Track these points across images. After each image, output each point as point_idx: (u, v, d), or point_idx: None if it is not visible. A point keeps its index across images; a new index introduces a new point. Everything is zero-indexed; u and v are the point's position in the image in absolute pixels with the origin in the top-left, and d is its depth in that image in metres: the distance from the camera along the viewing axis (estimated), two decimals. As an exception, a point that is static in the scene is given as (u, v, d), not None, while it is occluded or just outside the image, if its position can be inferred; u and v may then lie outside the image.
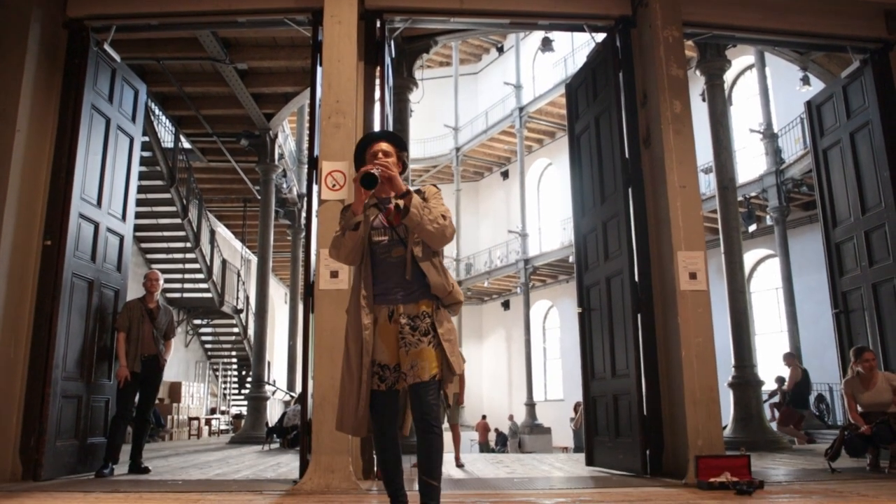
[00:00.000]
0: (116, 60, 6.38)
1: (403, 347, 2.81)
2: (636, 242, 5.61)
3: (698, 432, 4.94)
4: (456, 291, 2.94)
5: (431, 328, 2.83)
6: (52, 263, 5.52)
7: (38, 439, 5.21)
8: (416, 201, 2.78)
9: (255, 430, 11.37)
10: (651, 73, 5.67)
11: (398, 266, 2.87)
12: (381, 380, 2.82)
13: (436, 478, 2.73)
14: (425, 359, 2.77)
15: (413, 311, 2.85)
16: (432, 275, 2.86)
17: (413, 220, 2.76)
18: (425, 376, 2.75)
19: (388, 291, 2.88)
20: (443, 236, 2.85)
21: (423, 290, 2.86)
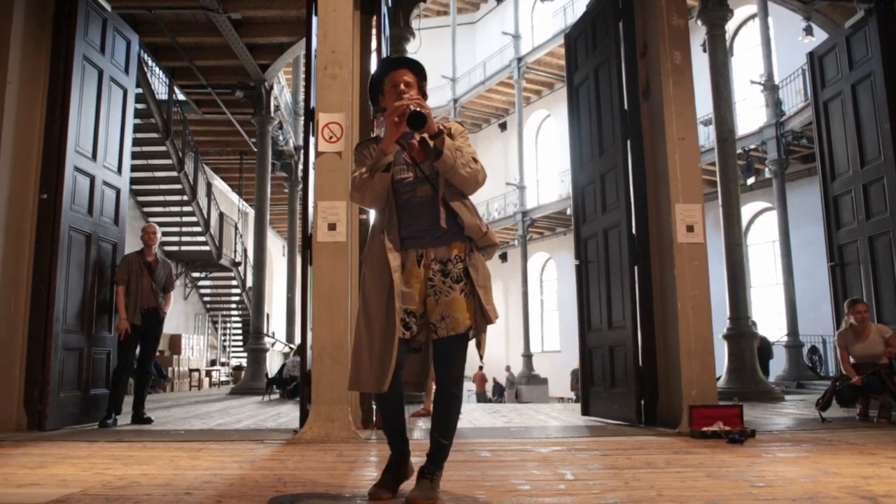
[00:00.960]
0: (107, 10, 6.27)
1: (433, 296, 2.58)
2: (634, 195, 5.60)
3: (692, 383, 5.01)
4: (490, 233, 2.68)
5: (464, 274, 2.59)
6: (49, 217, 5.51)
7: (42, 391, 5.28)
8: (449, 143, 2.55)
9: (254, 381, 11.51)
10: (651, 22, 5.58)
11: (425, 206, 2.61)
12: (406, 326, 2.54)
13: (448, 438, 2.61)
14: (458, 309, 2.55)
15: (444, 255, 2.60)
16: (465, 215, 2.60)
17: (447, 163, 2.53)
18: (460, 328, 2.54)
19: (415, 234, 2.62)
20: (475, 182, 2.62)
21: (454, 232, 2.61)
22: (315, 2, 5.53)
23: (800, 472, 3.12)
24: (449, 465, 3.18)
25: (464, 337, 2.58)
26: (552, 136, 26.78)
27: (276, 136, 14.35)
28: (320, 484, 2.91)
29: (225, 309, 19.71)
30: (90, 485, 2.91)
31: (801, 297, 13.81)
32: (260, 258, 12.20)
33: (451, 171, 2.55)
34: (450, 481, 2.88)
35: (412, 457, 2.77)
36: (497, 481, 2.98)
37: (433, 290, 2.59)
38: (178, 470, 3.34)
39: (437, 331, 2.57)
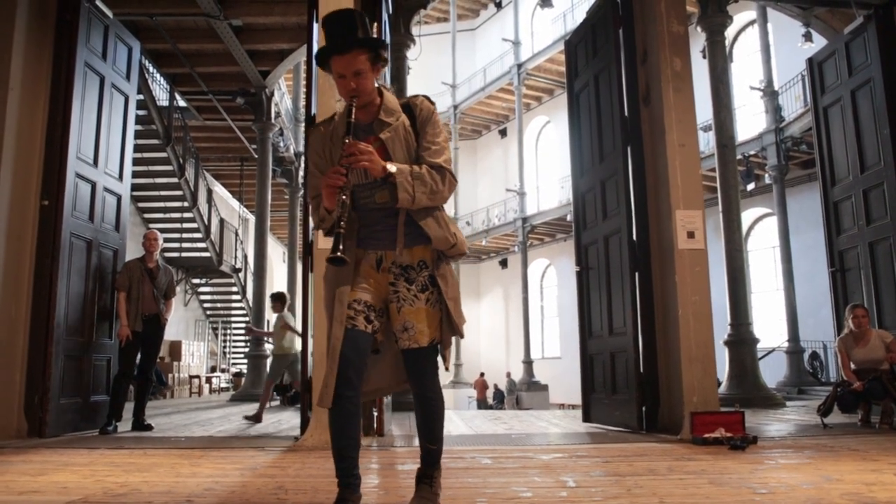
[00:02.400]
0: (109, 17, 6.29)
1: (396, 303, 2.37)
2: (635, 201, 5.60)
3: (694, 389, 5.01)
4: (460, 243, 2.43)
5: (430, 282, 2.38)
6: (51, 223, 5.52)
7: (42, 397, 5.27)
8: (404, 181, 2.26)
9: (255, 387, 11.48)
10: (651, 29, 5.60)
11: (384, 211, 2.38)
12: (368, 320, 2.32)
13: (436, 441, 2.48)
14: (423, 321, 2.35)
15: (407, 260, 2.39)
16: (433, 228, 2.36)
17: (405, 204, 2.28)
18: (423, 341, 2.35)
19: (374, 235, 2.41)
20: (443, 199, 2.38)
21: (418, 235, 2.38)
22: (316, 9, 5.54)
23: (802, 478, 3.12)
24: (450, 472, 3.18)
25: (428, 349, 2.38)
26: (552, 143, 26.82)
27: (276, 142, 14.38)
28: (322, 491, 2.91)
29: (225, 315, 19.70)
30: (91, 492, 2.91)
31: (801, 302, 13.81)
32: (260, 264, 12.21)
33: (412, 206, 2.31)
34: (451, 489, 2.88)
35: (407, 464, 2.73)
36: (498, 488, 2.97)
37: (396, 297, 2.39)
38: (179, 477, 3.34)
39: (399, 342, 2.38)
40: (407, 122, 2.40)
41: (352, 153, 2.20)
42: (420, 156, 2.39)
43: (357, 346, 2.29)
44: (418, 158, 2.39)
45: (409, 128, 2.40)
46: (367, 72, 2.31)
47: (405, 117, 2.41)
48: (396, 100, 2.46)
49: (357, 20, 2.33)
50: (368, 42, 2.31)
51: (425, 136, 2.41)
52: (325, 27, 2.34)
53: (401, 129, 2.38)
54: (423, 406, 2.45)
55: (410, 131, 2.40)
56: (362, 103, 2.34)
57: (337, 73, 2.30)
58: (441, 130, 2.44)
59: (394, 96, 2.46)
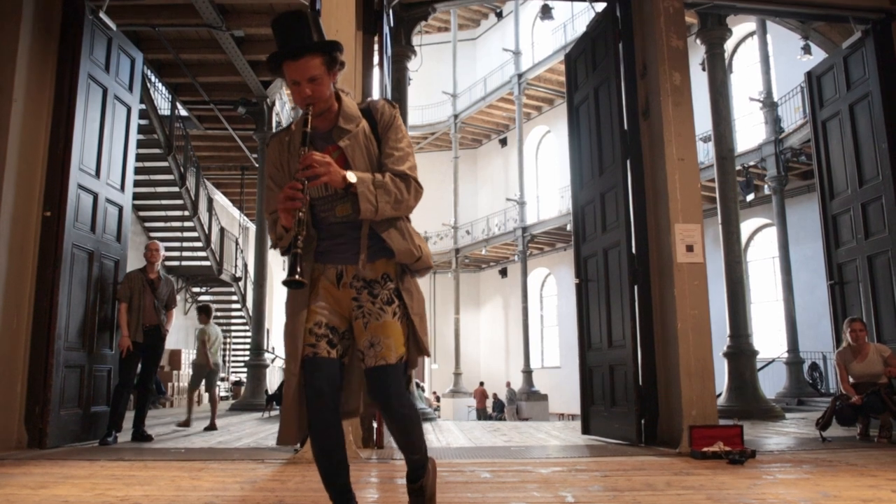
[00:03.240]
0: (112, 29, 6.33)
1: (361, 318, 2.23)
2: (634, 214, 5.64)
3: (692, 403, 5.02)
4: (426, 256, 2.31)
5: (396, 295, 2.26)
6: (53, 234, 5.54)
7: (43, 408, 5.29)
8: (365, 191, 2.14)
9: (254, 397, 11.49)
10: (651, 44, 5.64)
11: (345, 225, 2.26)
12: (331, 344, 2.20)
13: (418, 452, 2.36)
14: (390, 335, 2.21)
15: (370, 274, 2.25)
16: (396, 241, 2.23)
17: (367, 215, 2.16)
18: (391, 358, 2.20)
19: (334, 248, 2.28)
20: (408, 209, 2.26)
21: (381, 247, 2.25)
22: (318, 22, 5.59)
23: (800, 494, 3.13)
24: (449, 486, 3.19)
25: (396, 367, 2.22)
26: (552, 152, 26.88)
27: (277, 151, 14.39)
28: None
29: (224, 324, 19.69)
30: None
31: (800, 313, 13.83)
32: (261, 273, 12.22)
33: (376, 217, 2.19)
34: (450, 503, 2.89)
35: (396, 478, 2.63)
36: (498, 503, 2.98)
37: (361, 312, 2.24)
38: (179, 491, 3.35)
39: (365, 359, 2.21)
40: (367, 127, 2.28)
41: (309, 165, 2.07)
42: (383, 163, 2.26)
43: (325, 374, 2.17)
44: (381, 166, 2.26)
45: (369, 134, 2.27)
46: (323, 77, 2.16)
47: (365, 123, 2.28)
48: (356, 105, 2.32)
49: (310, 22, 2.17)
50: (322, 45, 2.16)
51: (387, 142, 2.27)
52: (275, 30, 2.18)
53: (361, 136, 2.25)
54: (398, 423, 2.29)
55: (371, 137, 2.27)
56: (319, 111, 2.19)
57: (291, 80, 2.16)
58: (405, 135, 2.31)
59: (353, 101, 2.33)
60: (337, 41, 2.22)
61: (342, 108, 2.27)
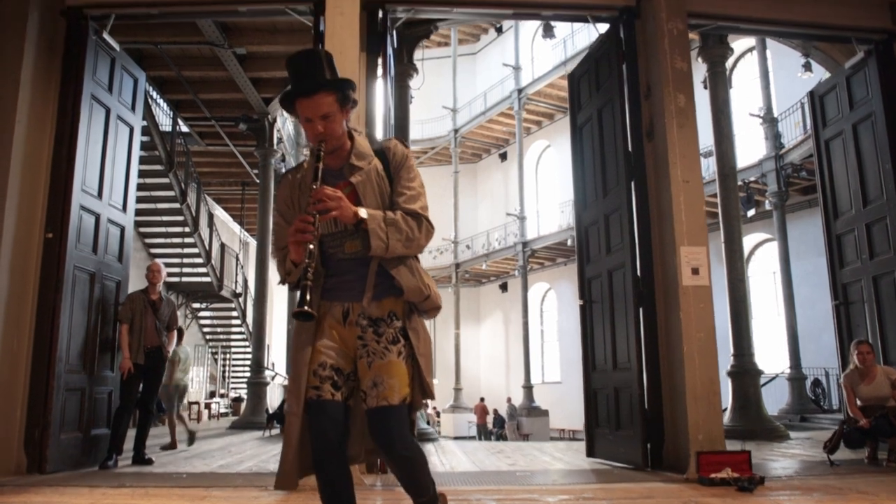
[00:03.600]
0: (116, 49, 6.31)
1: (365, 357, 2.20)
2: (639, 236, 5.60)
3: (699, 427, 4.97)
4: (434, 296, 2.30)
5: (402, 334, 2.23)
6: (54, 256, 5.50)
7: (43, 432, 5.23)
8: (376, 227, 2.13)
9: (255, 415, 11.43)
10: (655, 65, 5.63)
11: (354, 262, 2.25)
12: (335, 387, 2.16)
13: (425, 494, 2.29)
14: (394, 375, 2.16)
15: (376, 313, 2.23)
16: (405, 278, 2.22)
17: (378, 252, 2.15)
18: (394, 399, 2.15)
19: (341, 285, 2.26)
20: (418, 248, 2.25)
21: (389, 285, 2.23)
22: (322, 43, 5.58)
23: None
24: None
25: (400, 408, 2.16)
26: (552, 167, 26.91)
27: (278, 167, 14.41)
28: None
29: (225, 340, 19.63)
30: (95, 541, 2.87)
31: (802, 328, 13.78)
32: (261, 291, 12.21)
33: (386, 255, 2.18)
34: (460, 539, 2.84)
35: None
36: (507, 538, 2.94)
37: (365, 351, 2.20)
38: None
39: (367, 399, 2.16)
40: (380, 166, 2.28)
41: (320, 199, 2.07)
42: (395, 202, 2.26)
43: (329, 416, 2.14)
44: (392, 205, 2.26)
45: (381, 172, 2.28)
46: (335, 114, 2.18)
47: (377, 161, 2.29)
48: (368, 143, 2.34)
49: (323, 60, 2.22)
50: (335, 83, 2.19)
51: (399, 180, 2.28)
52: (289, 68, 2.22)
53: (373, 174, 2.26)
54: (401, 466, 2.22)
55: (383, 176, 2.28)
56: (331, 148, 2.21)
57: (304, 117, 2.18)
58: (417, 175, 2.32)
59: (365, 140, 2.34)
60: (350, 80, 2.23)
61: (354, 146, 2.29)
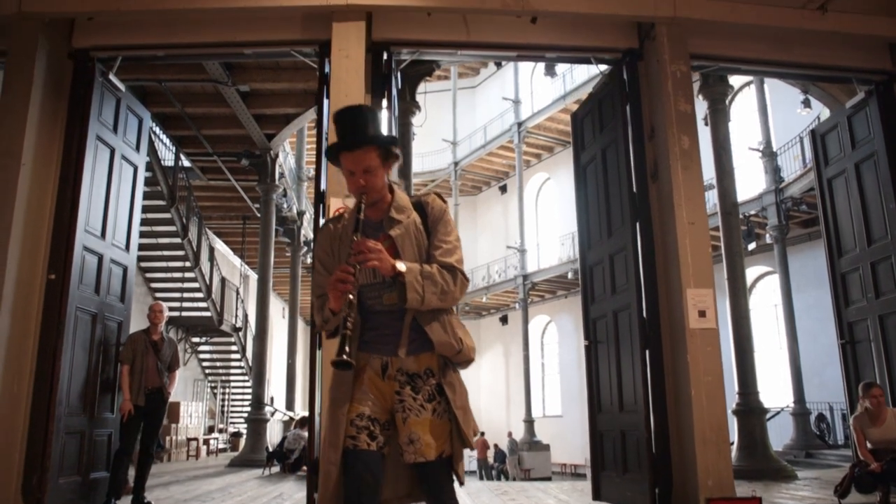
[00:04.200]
0: (121, 90, 6.36)
1: (401, 413, 2.27)
2: (644, 277, 5.58)
3: (708, 472, 4.91)
4: (467, 349, 2.35)
5: (437, 391, 2.28)
6: (56, 297, 5.46)
7: (41, 477, 5.14)
8: (413, 280, 2.19)
9: (254, 452, 11.28)
10: (659, 107, 5.67)
11: (392, 314, 2.31)
12: (371, 437, 2.22)
13: None
14: (428, 432, 2.22)
15: (413, 367, 2.30)
16: (436, 333, 2.28)
17: (413, 306, 2.22)
18: (430, 454, 2.21)
19: (379, 339, 2.32)
20: (454, 301, 2.30)
21: (425, 340, 2.29)
22: (327, 85, 5.62)
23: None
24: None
25: (434, 464, 2.23)
26: (552, 199, 27.00)
27: (279, 202, 14.46)
28: None
29: (224, 375, 19.49)
30: None
31: (805, 362, 13.71)
32: (262, 326, 12.13)
33: (422, 308, 2.24)
34: None
35: None
36: None
37: (402, 407, 2.27)
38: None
39: (405, 455, 2.24)
40: (418, 219, 2.36)
41: (361, 251, 2.14)
42: (431, 255, 2.33)
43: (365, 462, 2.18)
44: (429, 258, 2.33)
45: (419, 226, 2.35)
46: (378, 168, 2.27)
47: (416, 215, 2.36)
48: (407, 197, 2.41)
49: (368, 116, 2.30)
50: (379, 139, 2.29)
51: (437, 234, 2.35)
52: (336, 122, 2.32)
53: (412, 227, 2.33)
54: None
55: (421, 229, 2.35)
56: (372, 200, 2.30)
57: (347, 170, 2.28)
58: (453, 229, 2.39)
59: (404, 193, 2.42)
60: (394, 136, 2.38)
61: (394, 199, 2.38)
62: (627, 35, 6.03)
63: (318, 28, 5.72)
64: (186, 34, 5.94)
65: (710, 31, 6.04)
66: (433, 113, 25.96)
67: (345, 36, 5.53)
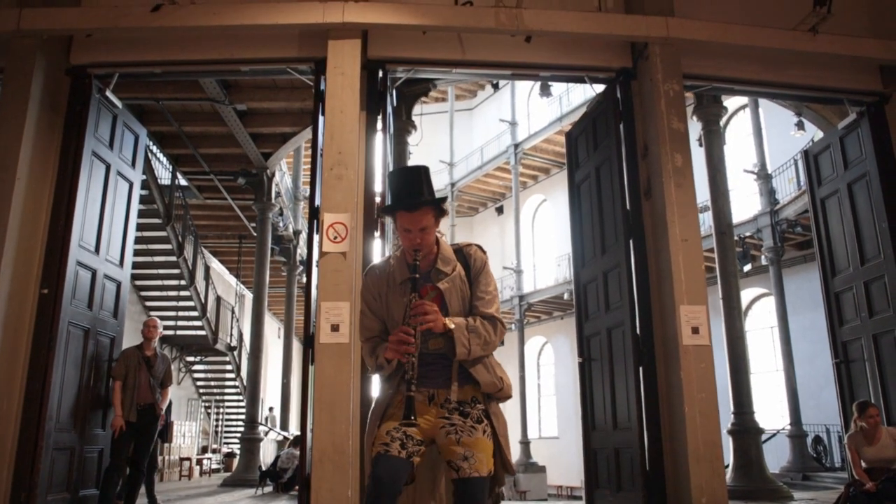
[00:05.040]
0: (118, 106, 6.39)
1: (454, 435, 2.41)
2: (637, 294, 5.59)
3: (702, 490, 4.88)
4: (507, 387, 2.57)
5: (484, 416, 2.48)
6: (49, 312, 5.46)
7: (30, 494, 5.10)
8: (461, 335, 2.41)
9: (247, 472, 11.16)
10: (652, 125, 5.71)
11: (437, 357, 2.50)
12: (403, 446, 2.38)
13: None
14: (482, 450, 2.39)
15: (460, 397, 2.49)
16: (482, 375, 2.50)
17: (460, 357, 2.43)
18: (483, 471, 2.35)
19: (427, 373, 2.49)
20: (493, 347, 2.52)
21: (468, 375, 2.50)
22: (322, 102, 5.67)
23: None
24: None
25: (486, 480, 2.39)
26: (549, 221, 27.03)
27: (276, 222, 14.46)
28: None
29: (218, 394, 19.36)
30: None
31: (801, 384, 13.67)
32: (257, 345, 12.07)
33: (468, 362, 2.46)
34: None
35: None
36: None
37: (454, 430, 2.42)
38: None
39: (460, 471, 2.36)
40: (462, 271, 2.55)
41: (419, 313, 2.35)
42: (473, 305, 2.54)
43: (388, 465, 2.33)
44: (471, 308, 2.54)
45: (464, 277, 2.55)
46: (431, 227, 2.47)
47: (460, 267, 2.56)
48: (450, 248, 2.60)
49: (424, 177, 2.50)
50: (436, 202, 2.48)
51: (479, 285, 2.55)
52: (392, 180, 2.53)
53: (457, 280, 2.53)
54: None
55: (465, 280, 2.55)
56: (423, 255, 2.49)
57: (403, 227, 2.45)
58: (492, 279, 2.59)
59: (448, 244, 2.61)
60: (445, 197, 2.57)
61: (440, 251, 2.57)
62: (621, 55, 6.10)
63: (315, 46, 5.78)
64: (183, 51, 5.99)
65: (703, 52, 6.11)
66: (431, 135, 26.14)
67: (340, 53, 5.59)
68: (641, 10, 5.96)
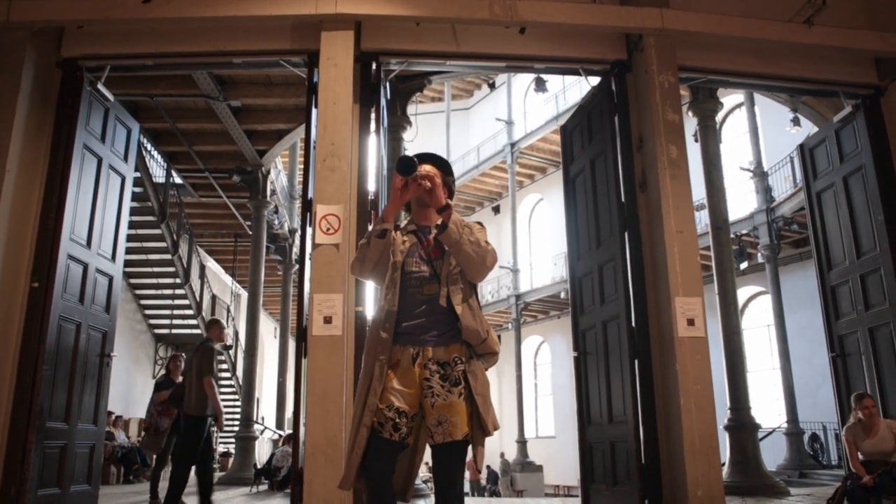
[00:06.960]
0: (110, 99, 6.34)
1: (430, 398, 2.45)
2: (633, 287, 5.56)
3: (698, 483, 4.85)
4: (491, 340, 2.58)
5: (463, 377, 2.48)
6: (39, 306, 5.39)
7: (20, 489, 5.04)
8: (456, 218, 2.53)
9: (242, 470, 11.11)
10: (647, 117, 5.68)
11: (429, 303, 2.55)
12: (396, 428, 2.41)
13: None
14: (456, 414, 2.41)
15: (443, 357, 2.51)
16: (466, 318, 2.52)
17: (451, 237, 2.50)
18: (458, 434, 2.39)
19: (414, 330, 2.54)
20: (482, 262, 2.56)
21: (455, 333, 2.54)
22: (315, 94, 5.62)
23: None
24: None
25: (461, 444, 2.43)
26: (545, 220, 27.01)
27: (271, 220, 14.41)
28: None
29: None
30: None
31: (799, 382, 13.65)
32: (252, 343, 12.01)
33: (455, 246, 2.52)
34: None
35: None
36: None
37: (430, 393, 2.46)
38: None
39: (434, 436, 2.43)
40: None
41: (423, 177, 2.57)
42: None
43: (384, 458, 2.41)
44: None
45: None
46: (439, 186, 2.63)
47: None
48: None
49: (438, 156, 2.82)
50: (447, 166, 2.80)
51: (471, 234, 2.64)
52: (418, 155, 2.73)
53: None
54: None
55: None
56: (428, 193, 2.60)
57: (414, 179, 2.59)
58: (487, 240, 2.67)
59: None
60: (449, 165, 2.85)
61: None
62: (616, 46, 6.07)
63: (308, 38, 5.74)
64: (176, 43, 5.94)
65: (698, 44, 6.08)
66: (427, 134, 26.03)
67: (333, 45, 5.55)
68: (636, 1, 5.93)
